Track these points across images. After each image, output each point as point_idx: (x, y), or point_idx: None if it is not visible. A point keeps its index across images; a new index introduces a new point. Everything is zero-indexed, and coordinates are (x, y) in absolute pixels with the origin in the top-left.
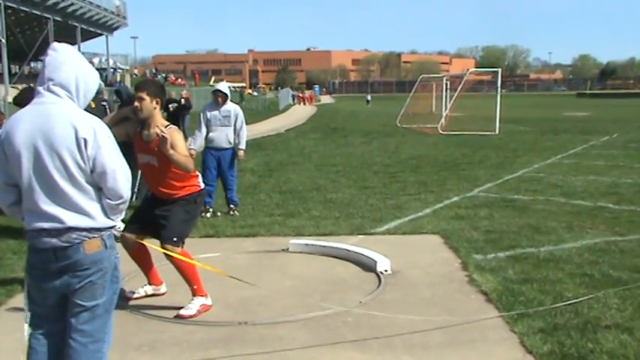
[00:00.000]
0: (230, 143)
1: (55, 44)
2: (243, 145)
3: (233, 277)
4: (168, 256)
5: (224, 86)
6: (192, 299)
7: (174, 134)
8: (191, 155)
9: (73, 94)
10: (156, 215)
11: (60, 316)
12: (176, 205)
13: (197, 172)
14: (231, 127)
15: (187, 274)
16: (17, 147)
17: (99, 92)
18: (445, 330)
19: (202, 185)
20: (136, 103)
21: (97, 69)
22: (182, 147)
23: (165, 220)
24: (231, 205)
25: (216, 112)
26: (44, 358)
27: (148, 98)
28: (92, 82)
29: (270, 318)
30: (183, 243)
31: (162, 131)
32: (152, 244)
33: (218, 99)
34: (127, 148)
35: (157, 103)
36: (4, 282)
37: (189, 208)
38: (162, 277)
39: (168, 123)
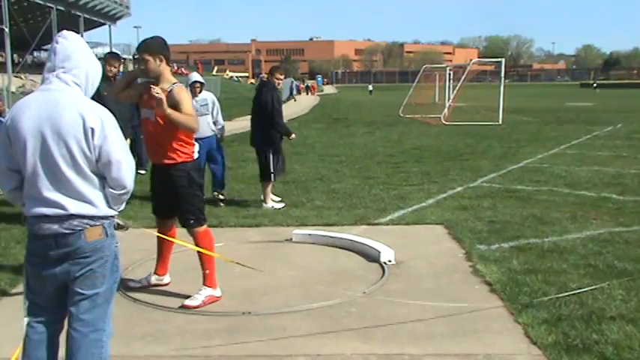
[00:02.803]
0: (212, 130)
1: (65, 32)
2: (223, 131)
3: (245, 265)
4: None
5: (199, 77)
6: (200, 289)
7: (180, 92)
8: None
9: (82, 83)
10: (166, 199)
11: (58, 305)
12: (176, 186)
13: (194, 143)
14: (209, 114)
15: (205, 256)
16: (23, 133)
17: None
18: (449, 320)
19: (196, 156)
20: (142, 66)
21: (100, 59)
22: (188, 105)
23: (177, 207)
24: (219, 189)
25: (193, 102)
26: (40, 346)
27: (150, 58)
28: (98, 72)
29: (274, 308)
30: (203, 218)
31: (157, 92)
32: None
33: (196, 90)
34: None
35: (160, 60)
36: (8, 271)
37: (187, 183)
38: (169, 266)
39: (176, 80)
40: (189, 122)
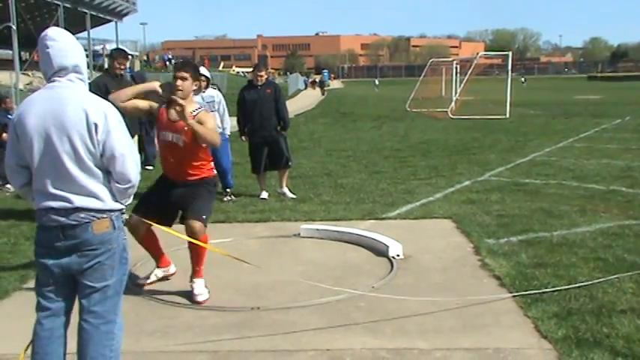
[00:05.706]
0: (219, 128)
1: (51, 33)
2: (228, 131)
3: (241, 260)
4: (190, 235)
5: (205, 71)
6: (194, 282)
7: (207, 115)
8: None
9: (84, 77)
10: (176, 199)
11: (64, 298)
12: (199, 186)
13: (210, 158)
14: (216, 112)
15: (200, 255)
16: (29, 130)
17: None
18: (458, 314)
19: (214, 172)
20: (179, 82)
21: (107, 55)
22: (212, 125)
23: (194, 200)
24: (227, 190)
25: (198, 98)
26: (49, 342)
27: (190, 79)
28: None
29: (283, 303)
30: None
31: (180, 103)
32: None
33: (201, 84)
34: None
35: (195, 85)
36: (17, 267)
37: (211, 189)
38: (175, 264)
39: (200, 105)
40: (214, 136)
